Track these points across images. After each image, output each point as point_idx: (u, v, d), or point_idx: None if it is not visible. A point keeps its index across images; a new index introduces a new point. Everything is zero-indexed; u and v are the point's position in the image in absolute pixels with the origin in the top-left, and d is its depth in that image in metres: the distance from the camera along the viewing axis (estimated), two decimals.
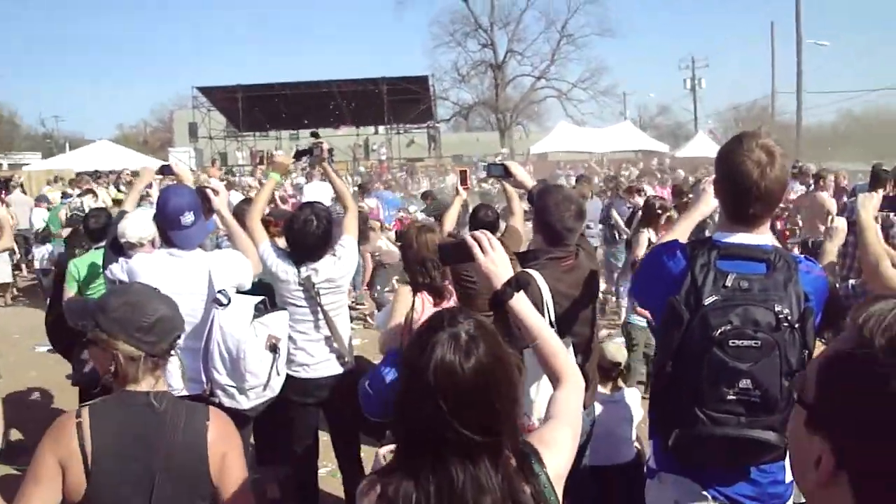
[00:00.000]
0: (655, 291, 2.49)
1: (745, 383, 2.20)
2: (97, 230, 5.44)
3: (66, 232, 9.74)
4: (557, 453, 1.77)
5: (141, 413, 2.17)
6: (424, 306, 4.36)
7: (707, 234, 3.89)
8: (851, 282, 3.45)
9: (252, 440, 4.65)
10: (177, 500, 2.18)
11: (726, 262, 2.31)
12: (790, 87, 35.84)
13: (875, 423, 0.89)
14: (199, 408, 2.36)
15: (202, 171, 21.30)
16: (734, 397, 2.22)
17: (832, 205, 9.86)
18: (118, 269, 3.96)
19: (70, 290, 5.12)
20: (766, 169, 2.28)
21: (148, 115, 77.69)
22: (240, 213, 4.83)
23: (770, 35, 40.27)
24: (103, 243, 4.94)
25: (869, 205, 3.37)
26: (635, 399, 4.35)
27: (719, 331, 2.20)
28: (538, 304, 3.08)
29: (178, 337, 2.36)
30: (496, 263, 2.04)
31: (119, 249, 4.20)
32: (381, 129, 42.36)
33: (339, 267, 4.34)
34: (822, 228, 5.64)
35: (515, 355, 1.92)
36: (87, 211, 7.98)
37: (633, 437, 4.24)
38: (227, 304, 3.58)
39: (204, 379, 3.75)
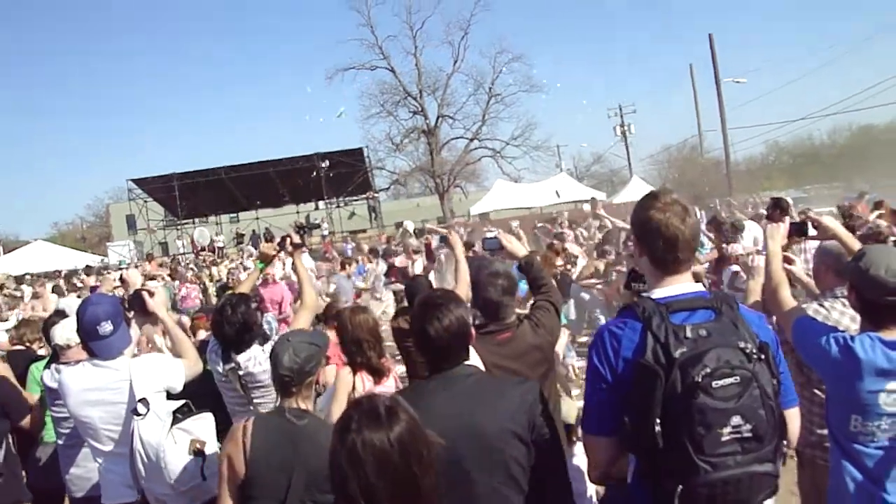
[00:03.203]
0: (618, 362, 2.46)
1: (736, 420, 2.23)
2: None
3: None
4: None
5: (287, 422, 2.99)
6: (365, 385, 4.30)
7: None
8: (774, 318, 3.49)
9: None
10: (309, 487, 2.88)
11: (676, 315, 2.39)
12: (716, 124, 36.73)
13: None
14: (330, 424, 3.10)
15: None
16: (729, 437, 2.23)
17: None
18: (48, 377, 4.16)
19: (33, 395, 4.99)
20: (685, 218, 2.46)
21: (83, 210, 76.38)
22: None
23: (691, 77, 41.49)
24: None
25: (777, 235, 3.60)
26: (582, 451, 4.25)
27: (700, 376, 2.22)
28: None
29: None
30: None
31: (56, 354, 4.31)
32: (321, 203, 42.44)
33: (261, 362, 3.88)
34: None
35: (432, 434, 1.96)
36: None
37: (588, 492, 4.12)
38: (146, 413, 3.45)
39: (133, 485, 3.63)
